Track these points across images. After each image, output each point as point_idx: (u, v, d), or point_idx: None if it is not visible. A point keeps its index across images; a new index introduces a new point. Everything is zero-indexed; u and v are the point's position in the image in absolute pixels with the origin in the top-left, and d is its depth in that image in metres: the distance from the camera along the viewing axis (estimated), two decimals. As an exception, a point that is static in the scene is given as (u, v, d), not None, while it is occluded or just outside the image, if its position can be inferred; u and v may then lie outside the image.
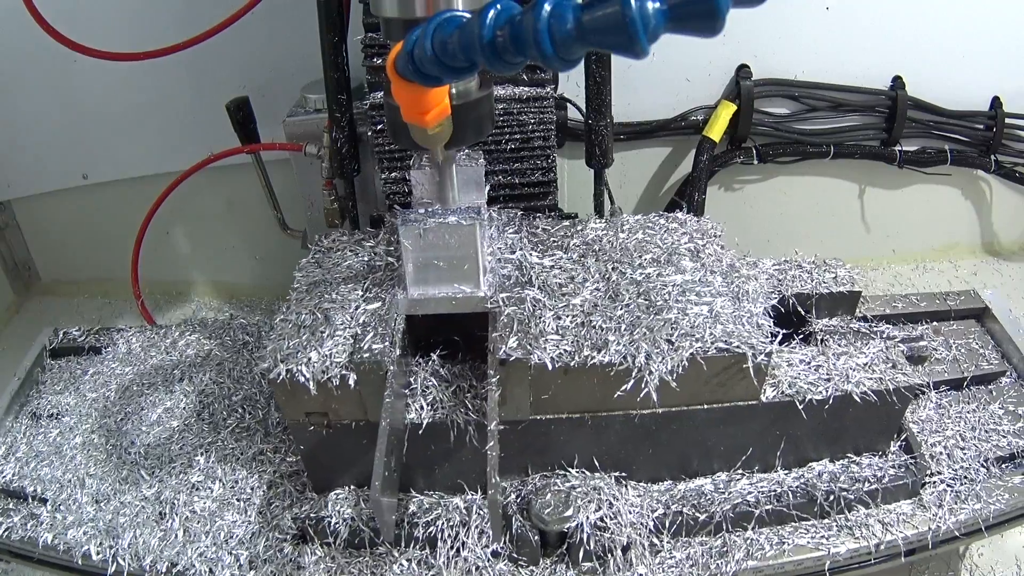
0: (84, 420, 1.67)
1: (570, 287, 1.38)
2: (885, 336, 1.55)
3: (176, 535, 1.42)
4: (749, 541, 1.39)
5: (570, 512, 1.33)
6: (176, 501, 1.47)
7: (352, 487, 1.44)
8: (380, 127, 1.72)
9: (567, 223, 1.56)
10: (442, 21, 0.87)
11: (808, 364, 1.42)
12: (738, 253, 1.53)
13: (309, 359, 1.27)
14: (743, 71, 2.38)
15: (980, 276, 2.77)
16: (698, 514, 1.39)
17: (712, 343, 1.27)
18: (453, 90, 1.13)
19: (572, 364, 1.25)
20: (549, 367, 1.24)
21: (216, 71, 2.32)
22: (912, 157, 2.51)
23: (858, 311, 1.70)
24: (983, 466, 1.53)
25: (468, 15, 0.84)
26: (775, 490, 1.43)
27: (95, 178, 2.60)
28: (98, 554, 1.41)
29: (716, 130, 2.36)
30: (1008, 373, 1.72)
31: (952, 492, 1.48)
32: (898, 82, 2.42)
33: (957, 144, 2.54)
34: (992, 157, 2.52)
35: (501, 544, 1.34)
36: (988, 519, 1.46)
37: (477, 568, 1.34)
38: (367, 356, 1.25)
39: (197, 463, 1.53)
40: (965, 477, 1.51)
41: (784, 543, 1.40)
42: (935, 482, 1.50)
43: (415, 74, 0.92)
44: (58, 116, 2.47)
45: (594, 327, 1.29)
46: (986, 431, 1.60)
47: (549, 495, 1.35)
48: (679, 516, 1.38)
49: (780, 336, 1.35)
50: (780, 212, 2.71)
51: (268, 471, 1.50)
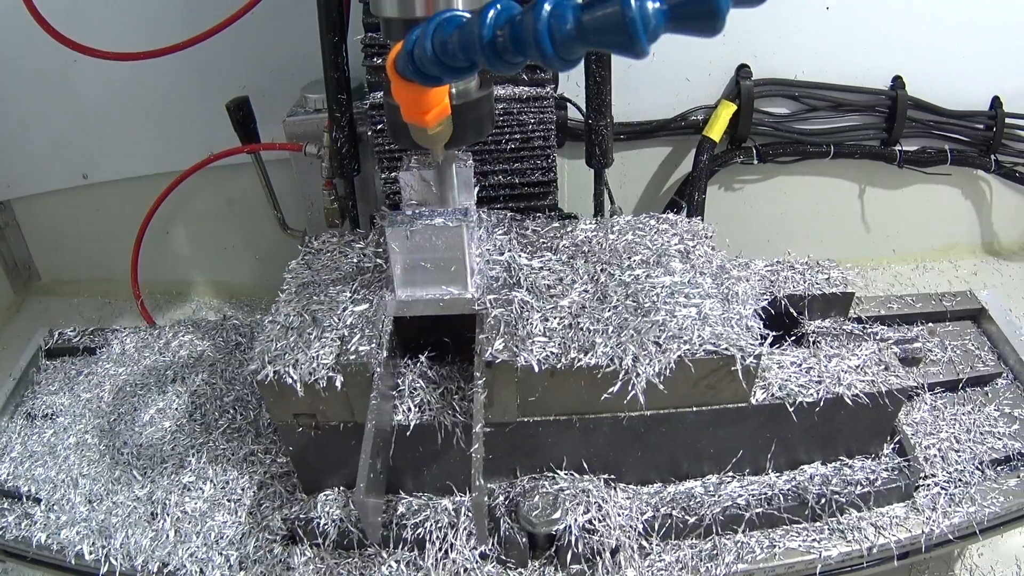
0: (78, 420, 1.67)
1: (558, 289, 1.37)
2: (878, 338, 1.55)
3: (167, 535, 1.43)
4: (739, 544, 1.38)
5: (558, 514, 1.32)
6: (168, 501, 1.47)
7: (341, 488, 1.44)
8: (380, 127, 1.72)
9: (557, 224, 1.55)
10: (442, 21, 0.87)
11: (799, 366, 1.41)
12: (730, 254, 1.52)
13: (296, 361, 1.27)
14: (743, 71, 2.37)
15: (980, 276, 2.75)
16: (688, 517, 1.38)
17: (700, 345, 1.26)
18: (453, 90, 1.13)
19: (559, 366, 1.24)
20: (536, 369, 1.23)
21: (216, 71, 2.32)
22: (912, 157, 2.50)
23: (853, 312, 1.69)
24: (978, 469, 1.52)
25: (468, 15, 0.84)
26: (766, 493, 1.42)
27: (95, 178, 2.60)
28: (91, 554, 1.42)
29: (716, 130, 2.35)
30: (1004, 375, 1.71)
31: (946, 495, 1.47)
32: (898, 82, 2.41)
33: (957, 144, 2.53)
34: (992, 157, 2.51)
35: (489, 547, 1.34)
36: (983, 522, 1.44)
37: (465, 570, 1.33)
38: (354, 358, 1.24)
39: (189, 464, 1.53)
40: (960, 480, 1.50)
41: (775, 546, 1.39)
42: (929, 485, 1.49)
43: (415, 74, 0.93)
44: (58, 116, 2.47)
45: (581, 329, 1.29)
46: (981, 433, 1.59)
47: (537, 497, 1.35)
48: (668, 519, 1.37)
49: (770, 338, 1.34)
50: (780, 212, 2.70)
51: (259, 472, 1.50)
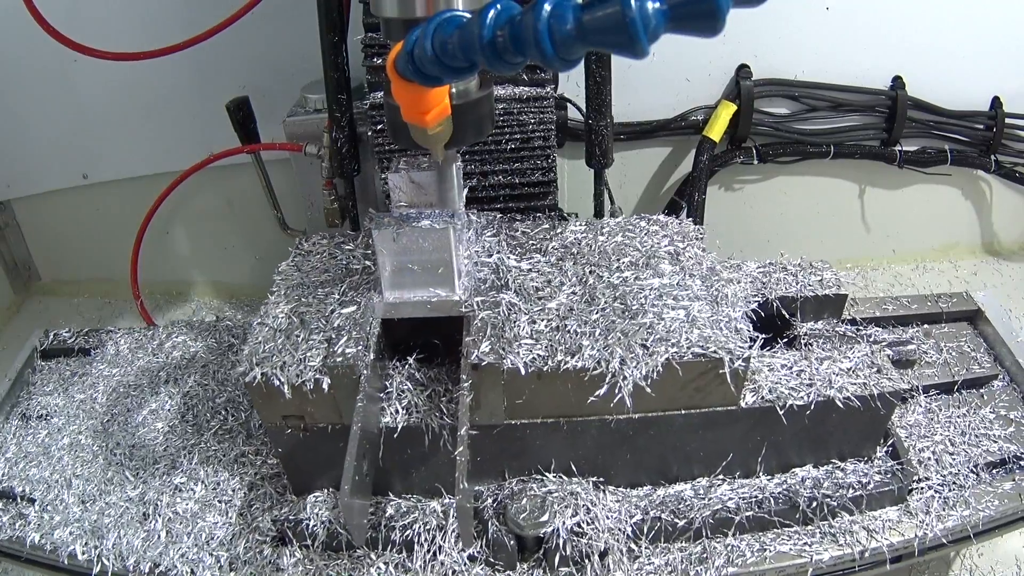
0: (72, 421, 1.68)
1: (546, 291, 1.37)
2: (871, 340, 1.54)
3: (159, 536, 1.43)
4: (729, 547, 1.38)
5: (546, 517, 1.32)
6: (159, 502, 1.47)
7: (330, 490, 1.44)
8: (380, 127, 1.72)
9: (547, 226, 1.55)
10: (442, 21, 0.86)
11: (790, 369, 1.40)
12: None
13: (284, 363, 1.27)
14: (743, 71, 2.37)
15: (980, 276, 2.74)
16: (677, 520, 1.37)
17: (688, 348, 1.25)
18: (453, 90, 1.13)
19: (545, 369, 1.24)
20: (522, 372, 1.23)
21: (216, 71, 2.33)
22: (912, 157, 2.49)
23: (847, 314, 1.68)
24: (973, 472, 1.51)
25: (468, 15, 0.83)
26: (756, 496, 1.41)
27: (95, 178, 2.61)
28: (83, 554, 1.42)
29: (716, 130, 2.34)
30: (1000, 376, 1.69)
31: (940, 498, 1.46)
32: (898, 82, 2.40)
33: (957, 144, 2.52)
34: (992, 157, 2.50)
35: (477, 549, 1.33)
36: (977, 526, 1.43)
37: (454, 572, 1.33)
38: (340, 360, 1.24)
39: (180, 465, 1.54)
40: (954, 483, 1.49)
41: (765, 550, 1.38)
42: (923, 488, 1.48)
43: (415, 74, 0.92)
44: (58, 116, 2.48)
45: (569, 331, 1.28)
46: (976, 436, 1.58)
47: (525, 500, 1.34)
48: (658, 522, 1.37)
49: (760, 341, 1.33)
50: (780, 212, 2.69)
51: (249, 473, 1.50)
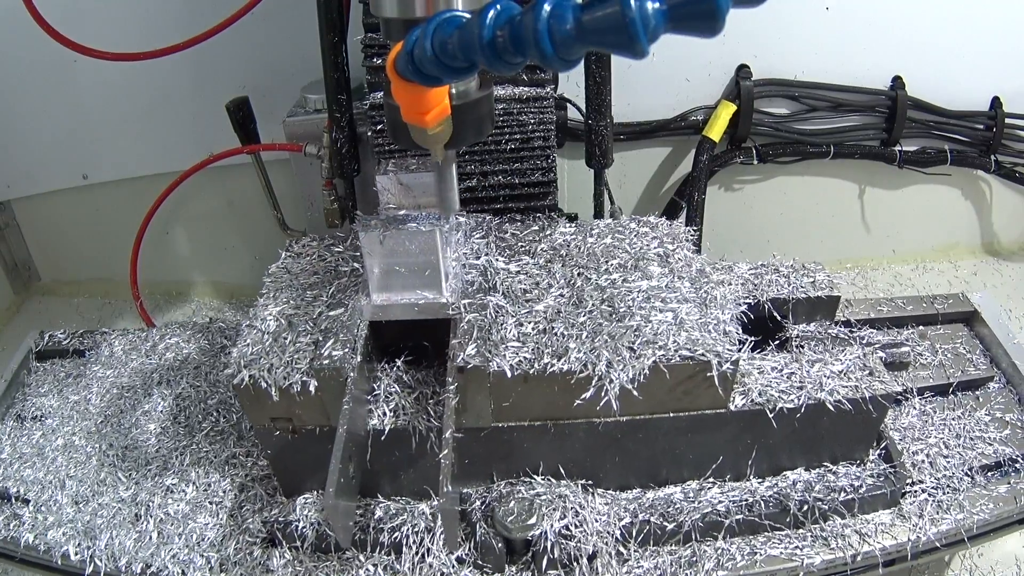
0: (66, 422, 1.68)
1: (534, 293, 1.36)
2: (864, 342, 1.52)
3: (150, 537, 1.43)
4: (719, 551, 1.37)
5: (533, 520, 1.31)
6: (151, 503, 1.48)
7: (319, 491, 1.43)
8: (380, 127, 1.72)
9: (536, 227, 1.54)
10: (442, 21, 0.86)
11: (780, 372, 1.39)
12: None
13: (271, 365, 1.27)
14: (743, 71, 2.36)
15: (980, 276, 2.73)
16: (666, 523, 1.36)
17: (675, 351, 1.24)
18: (453, 90, 1.13)
19: (532, 371, 1.23)
20: (508, 374, 1.23)
21: (216, 71, 2.33)
22: (912, 157, 2.48)
23: (842, 316, 1.67)
24: (967, 475, 1.50)
25: (468, 15, 0.83)
26: (747, 499, 1.40)
27: (95, 178, 2.61)
28: (76, 555, 1.43)
29: (716, 130, 2.33)
30: (996, 378, 1.68)
31: (933, 501, 1.45)
32: (898, 82, 2.39)
33: (957, 144, 2.51)
34: (992, 157, 2.49)
35: (465, 551, 1.33)
36: (971, 529, 1.42)
37: (442, 574, 1.33)
38: (327, 363, 1.24)
39: (172, 466, 1.54)
40: (948, 486, 1.48)
41: (756, 553, 1.37)
42: (916, 491, 1.47)
43: (415, 74, 0.92)
44: (58, 116, 2.48)
45: (556, 334, 1.28)
46: (971, 438, 1.57)
47: (513, 503, 1.34)
48: (647, 525, 1.36)
49: (750, 343, 1.32)
50: (780, 212, 2.68)
51: (240, 474, 1.51)
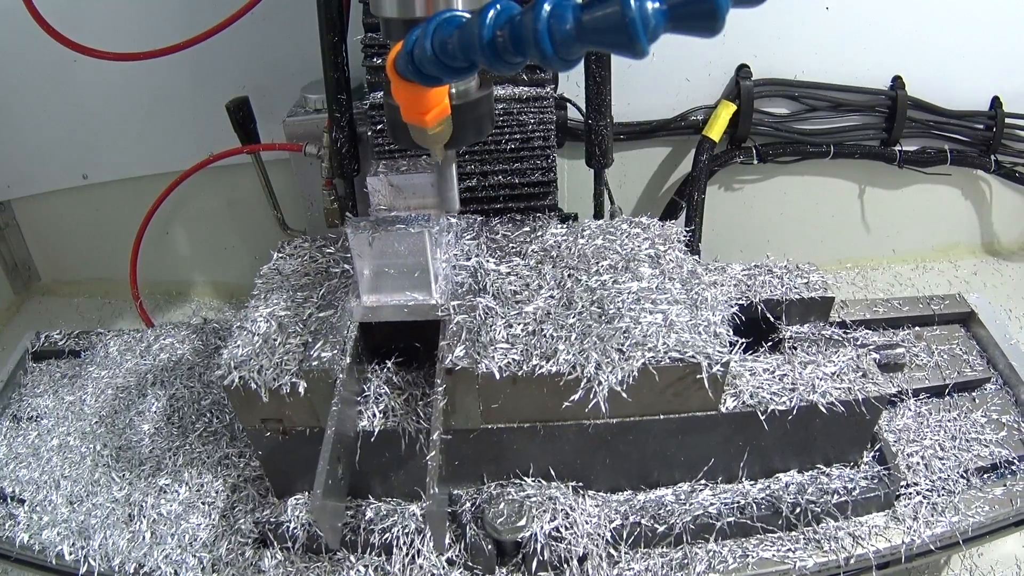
0: (61, 423, 1.69)
1: (524, 294, 1.36)
2: (858, 343, 1.52)
3: (144, 537, 1.44)
4: (711, 553, 1.37)
5: (523, 522, 1.31)
6: (144, 504, 1.48)
7: (310, 492, 1.43)
8: (380, 127, 1.71)
9: (527, 228, 1.54)
10: (442, 21, 0.86)
11: (772, 373, 1.38)
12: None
13: (261, 367, 1.27)
14: (743, 71, 2.35)
15: (980, 276, 2.72)
16: (657, 525, 1.36)
17: (665, 353, 1.24)
18: (453, 90, 1.13)
19: (520, 373, 1.23)
20: (497, 376, 1.22)
21: (216, 71, 2.33)
22: (912, 157, 2.47)
23: (837, 316, 1.66)
24: (963, 477, 1.49)
25: (468, 15, 0.83)
26: (739, 501, 1.40)
27: (95, 178, 2.62)
28: (71, 554, 1.44)
29: (716, 130, 2.33)
30: (993, 380, 1.67)
31: (928, 504, 1.45)
32: (898, 82, 2.38)
33: (957, 144, 2.50)
34: (992, 157, 2.48)
35: (456, 553, 1.33)
36: (966, 532, 1.42)
37: (432, 575, 1.33)
38: (316, 364, 1.24)
39: (165, 466, 1.54)
40: (943, 488, 1.47)
41: (748, 556, 1.37)
42: (911, 494, 1.46)
43: (415, 74, 0.92)
44: (58, 116, 2.49)
45: (545, 336, 1.27)
46: (967, 440, 1.56)
47: (503, 504, 1.34)
48: (638, 527, 1.36)
49: (741, 345, 1.32)
50: (780, 212, 2.67)
51: (232, 475, 1.51)
